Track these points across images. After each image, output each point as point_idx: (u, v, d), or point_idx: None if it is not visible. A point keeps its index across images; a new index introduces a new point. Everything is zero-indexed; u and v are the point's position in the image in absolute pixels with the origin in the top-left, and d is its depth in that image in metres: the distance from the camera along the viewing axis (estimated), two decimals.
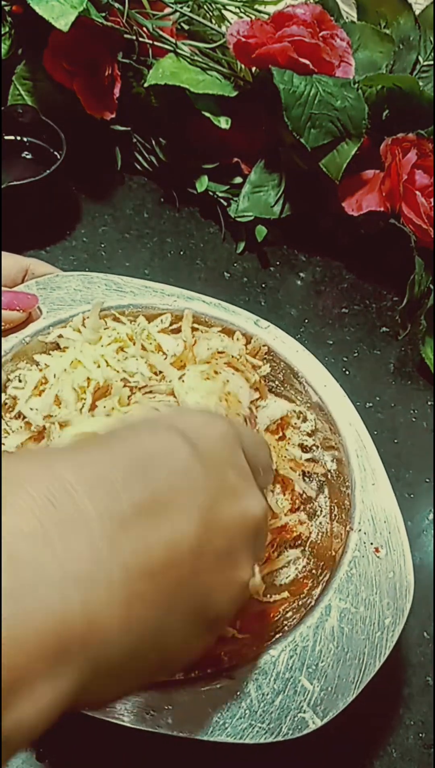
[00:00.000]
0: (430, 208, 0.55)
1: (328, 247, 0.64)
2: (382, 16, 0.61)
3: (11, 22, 0.59)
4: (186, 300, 0.45)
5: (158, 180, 0.66)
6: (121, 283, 0.45)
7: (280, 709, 0.32)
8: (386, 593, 0.36)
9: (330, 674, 0.33)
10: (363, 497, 0.39)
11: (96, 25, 0.57)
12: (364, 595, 0.35)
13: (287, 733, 0.31)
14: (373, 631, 0.34)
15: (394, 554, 0.37)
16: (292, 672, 0.33)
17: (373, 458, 0.41)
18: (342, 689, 0.33)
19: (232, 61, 0.59)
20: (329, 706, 0.32)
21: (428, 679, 0.44)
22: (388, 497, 0.39)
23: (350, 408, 0.43)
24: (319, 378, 0.44)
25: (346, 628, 0.34)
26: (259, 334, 0.45)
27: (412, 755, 0.41)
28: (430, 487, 0.52)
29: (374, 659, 0.34)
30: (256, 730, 0.31)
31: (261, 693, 0.32)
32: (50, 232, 0.60)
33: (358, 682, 0.33)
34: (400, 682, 0.43)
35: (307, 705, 0.32)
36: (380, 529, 0.38)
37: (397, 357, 0.59)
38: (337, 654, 0.33)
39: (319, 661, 0.33)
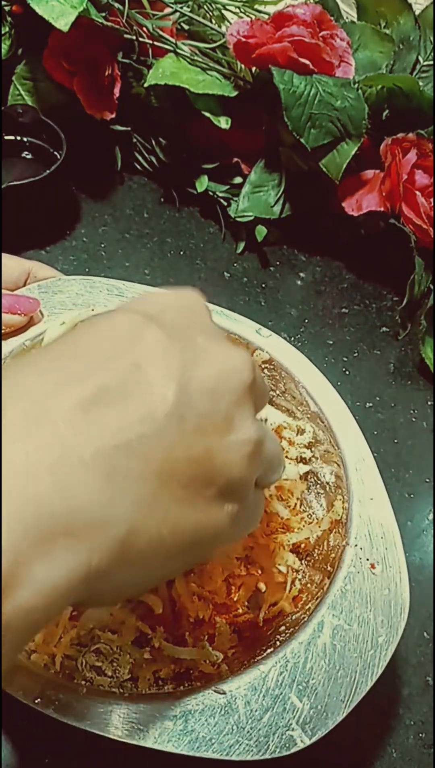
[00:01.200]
0: (430, 208, 0.55)
1: (328, 247, 0.64)
2: (382, 16, 0.61)
3: (11, 22, 0.59)
4: None
5: (158, 180, 0.66)
6: (123, 288, 0.45)
7: (268, 726, 0.31)
8: (381, 611, 0.35)
9: (320, 692, 0.32)
10: (360, 511, 0.38)
11: (96, 25, 0.57)
12: (358, 612, 0.35)
13: (275, 750, 0.31)
14: (366, 649, 0.34)
15: (390, 571, 0.36)
16: (282, 689, 0.32)
17: (372, 472, 0.40)
18: (332, 708, 0.32)
19: (232, 61, 0.59)
20: (318, 724, 0.32)
21: (428, 679, 0.44)
22: (386, 512, 0.39)
23: (351, 420, 0.42)
24: (320, 389, 0.43)
25: (338, 645, 0.34)
26: (260, 344, 0.44)
27: (412, 755, 0.41)
28: (430, 487, 0.52)
29: (366, 678, 0.33)
30: (243, 747, 0.30)
31: (250, 709, 0.31)
32: (50, 232, 0.60)
33: (348, 701, 0.32)
34: (400, 682, 0.43)
35: (296, 723, 0.31)
36: (377, 544, 0.37)
37: (397, 357, 0.59)
38: (328, 671, 0.33)
39: (309, 678, 0.33)
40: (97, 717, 0.30)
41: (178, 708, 0.31)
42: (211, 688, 0.32)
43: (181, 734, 0.30)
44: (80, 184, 0.64)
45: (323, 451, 0.43)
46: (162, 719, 0.31)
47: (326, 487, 0.42)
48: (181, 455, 0.24)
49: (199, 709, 0.31)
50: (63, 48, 0.58)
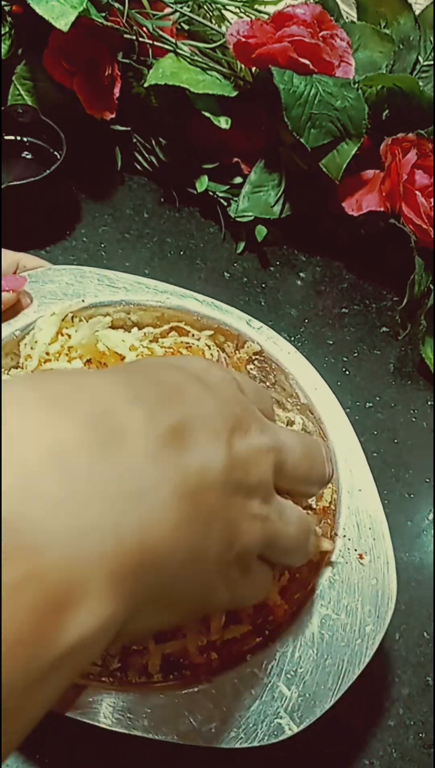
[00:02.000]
0: (430, 208, 0.55)
1: (328, 247, 0.64)
2: (382, 16, 0.61)
3: (11, 22, 0.59)
4: (179, 297, 0.44)
5: (158, 180, 0.66)
6: (113, 278, 0.44)
7: (256, 714, 0.31)
8: (368, 600, 0.35)
9: (308, 681, 0.32)
10: (349, 503, 0.38)
11: (96, 25, 0.57)
12: (346, 601, 0.35)
13: (263, 738, 0.31)
14: (354, 638, 0.34)
15: (378, 561, 0.37)
16: (270, 677, 0.32)
17: (360, 463, 0.40)
18: (320, 696, 0.32)
19: (232, 61, 0.59)
20: (306, 712, 0.32)
21: (428, 679, 0.44)
22: (374, 503, 0.39)
23: (340, 412, 0.42)
24: (310, 381, 0.43)
25: (326, 634, 0.34)
26: (250, 334, 0.44)
27: (412, 755, 0.41)
28: (430, 487, 0.52)
29: (354, 667, 0.33)
30: (231, 735, 0.31)
31: (238, 698, 0.32)
32: (50, 232, 0.60)
33: (336, 689, 0.32)
34: (400, 682, 0.43)
35: (284, 711, 0.32)
36: (365, 535, 0.37)
37: (397, 357, 0.59)
38: (316, 660, 0.33)
39: (297, 667, 0.33)
40: (86, 706, 0.30)
41: (167, 697, 0.31)
42: (201, 678, 0.32)
43: (171, 723, 0.30)
44: (80, 184, 0.64)
45: None
46: (152, 708, 0.31)
47: None
48: (220, 515, 0.24)
49: (188, 699, 0.31)
50: (63, 48, 0.58)
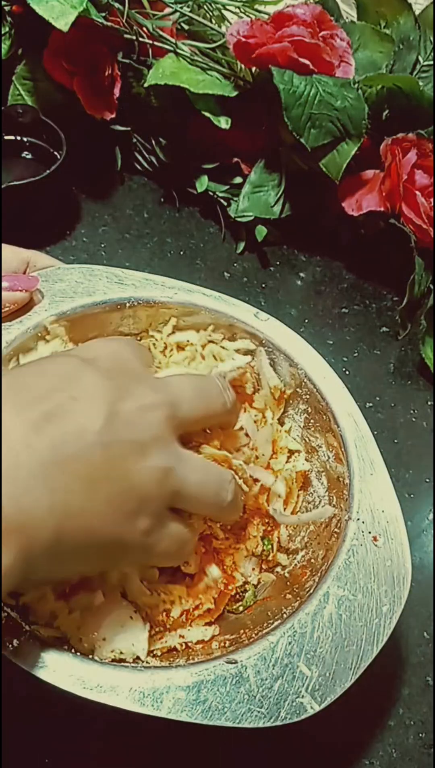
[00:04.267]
0: (430, 208, 0.55)
1: (328, 247, 0.64)
2: (382, 16, 0.61)
3: (11, 22, 0.59)
4: (186, 293, 0.45)
5: (158, 180, 0.66)
6: (122, 275, 0.45)
7: (278, 694, 0.32)
8: (384, 581, 0.36)
9: (328, 660, 0.33)
10: (361, 487, 0.39)
11: (96, 25, 0.57)
12: (362, 582, 0.36)
13: (285, 717, 0.32)
14: (371, 618, 0.35)
15: (392, 543, 0.37)
16: (291, 658, 0.33)
17: (371, 448, 0.41)
18: (340, 675, 0.33)
19: (232, 61, 0.59)
20: (327, 691, 0.32)
21: (428, 679, 0.44)
22: (386, 487, 0.40)
23: (349, 399, 0.43)
24: (319, 370, 0.44)
25: (344, 615, 0.35)
26: (259, 327, 0.45)
27: (412, 755, 0.41)
28: (430, 487, 0.52)
29: (372, 645, 0.34)
30: (254, 715, 0.31)
31: (260, 678, 0.32)
32: (50, 232, 0.60)
33: (355, 668, 0.33)
34: (400, 682, 0.43)
35: (305, 690, 0.32)
36: (378, 518, 0.38)
37: (397, 357, 0.59)
38: (335, 641, 0.34)
39: (317, 647, 0.34)
40: (109, 690, 0.31)
41: (190, 678, 0.32)
42: (223, 659, 0.33)
43: (193, 704, 0.31)
44: (80, 184, 0.64)
45: (322, 429, 0.43)
46: (175, 690, 0.31)
47: (326, 465, 0.42)
48: (105, 476, 0.29)
49: (210, 678, 0.32)
50: (63, 48, 0.58)
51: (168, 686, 0.31)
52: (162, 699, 0.31)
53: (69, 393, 0.30)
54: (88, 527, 0.29)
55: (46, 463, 0.27)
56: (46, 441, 0.28)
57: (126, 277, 0.45)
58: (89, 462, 0.29)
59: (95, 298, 0.43)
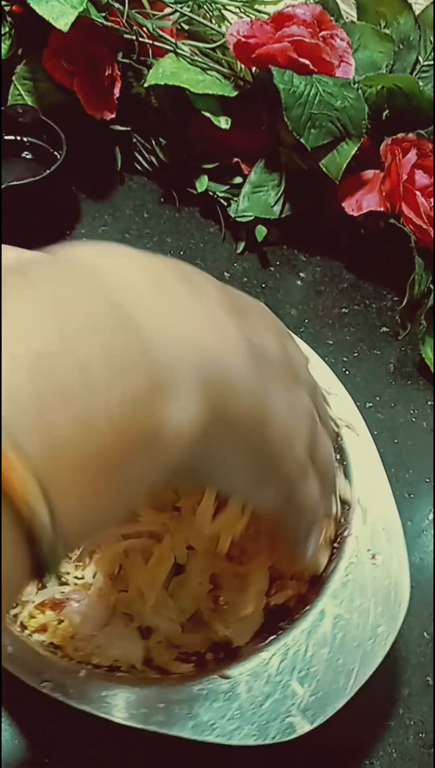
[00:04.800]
0: (430, 208, 0.55)
1: (328, 247, 0.64)
2: (382, 16, 0.61)
3: (11, 22, 0.59)
4: None
5: (158, 180, 0.66)
6: None
7: (269, 712, 0.31)
8: (381, 601, 0.35)
9: (321, 680, 0.33)
10: (362, 502, 0.39)
11: (96, 25, 0.57)
12: (359, 602, 0.35)
13: (275, 736, 0.31)
14: (366, 638, 0.34)
15: (391, 561, 0.37)
16: (283, 675, 0.32)
17: (374, 462, 0.40)
18: (332, 696, 0.32)
19: (232, 61, 0.59)
20: (318, 711, 0.32)
21: (428, 679, 0.44)
22: (387, 503, 0.39)
23: (354, 410, 0.42)
24: (324, 380, 0.43)
25: (338, 634, 0.34)
26: None
27: (412, 755, 0.41)
28: (430, 487, 0.52)
29: (365, 667, 0.33)
30: (244, 732, 0.31)
31: (252, 695, 0.32)
32: (50, 232, 0.60)
33: (348, 689, 0.33)
34: (400, 682, 0.43)
35: (297, 709, 0.32)
36: (378, 535, 0.37)
37: (397, 357, 0.59)
38: (328, 660, 0.33)
39: (310, 666, 0.33)
40: (100, 700, 0.31)
41: (183, 692, 0.31)
42: (216, 674, 0.32)
43: (185, 718, 0.31)
44: (80, 184, 0.64)
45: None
46: (167, 703, 0.31)
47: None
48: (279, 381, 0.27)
49: (203, 693, 0.32)
50: (63, 48, 0.58)
51: (159, 700, 0.31)
52: (152, 712, 0.31)
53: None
54: (270, 419, 0.25)
55: (247, 342, 0.25)
56: (244, 328, 0.26)
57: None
58: (276, 365, 0.28)
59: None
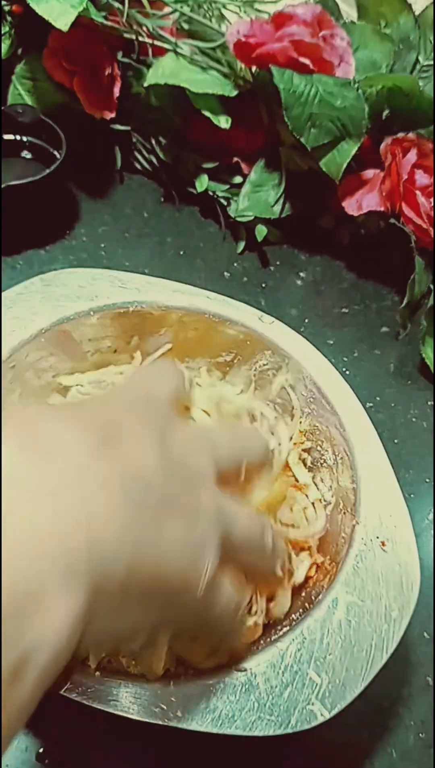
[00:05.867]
0: (430, 208, 0.55)
1: (328, 247, 0.64)
2: (382, 16, 0.61)
3: (11, 22, 0.59)
4: (190, 296, 0.45)
5: (158, 180, 0.66)
6: (124, 279, 0.45)
7: (288, 702, 0.32)
8: (392, 586, 0.36)
9: (338, 667, 0.33)
10: (368, 491, 0.39)
11: (96, 25, 0.57)
12: (371, 588, 0.36)
13: (296, 725, 0.31)
14: (380, 623, 0.35)
15: (400, 547, 0.37)
16: (300, 665, 0.33)
17: (378, 452, 0.41)
18: (349, 682, 0.33)
19: (232, 60, 0.59)
20: (337, 698, 0.32)
21: (428, 679, 0.44)
22: (393, 491, 0.39)
23: (356, 404, 0.43)
24: (325, 375, 0.44)
25: (353, 621, 0.35)
26: (262, 331, 0.45)
27: (412, 755, 0.41)
28: (430, 487, 0.52)
29: (381, 651, 0.34)
30: (265, 723, 0.31)
31: (269, 686, 0.32)
32: (50, 231, 0.60)
33: (365, 674, 0.33)
34: (400, 682, 0.43)
35: (315, 697, 0.32)
36: (386, 522, 0.38)
37: (397, 357, 0.59)
38: (344, 647, 0.34)
39: (326, 653, 0.33)
40: (116, 698, 0.31)
41: (198, 687, 0.32)
42: (232, 667, 0.33)
43: (204, 712, 0.31)
44: (80, 184, 0.64)
45: (327, 435, 0.43)
46: (184, 698, 0.31)
47: (332, 468, 0.42)
48: (166, 505, 0.26)
49: (220, 687, 0.32)
50: (63, 48, 0.58)
51: (176, 695, 0.31)
52: (170, 708, 0.31)
53: (117, 419, 0.27)
54: (157, 565, 0.25)
55: (113, 485, 0.24)
56: (110, 463, 0.25)
57: (128, 280, 0.45)
58: (154, 491, 0.26)
59: (98, 303, 0.43)
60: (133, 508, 0.24)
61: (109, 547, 0.23)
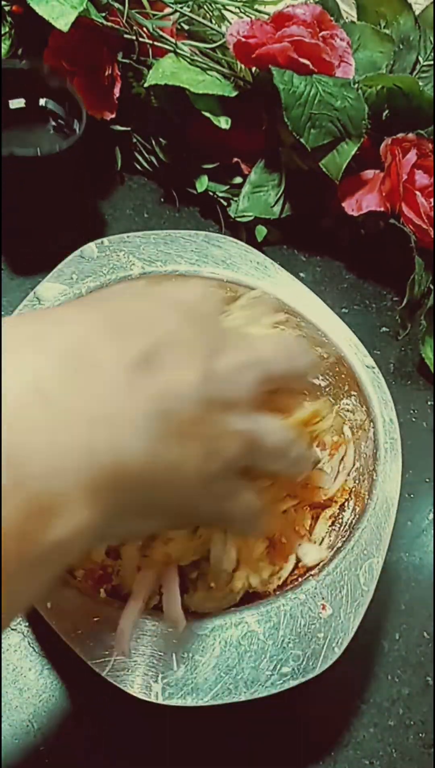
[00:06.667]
0: (430, 208, 0.55)
1: (328, 247, 0.64)
2: (382, 16, 0.61)
3: (11, 22, 0.59)
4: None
5: (158, 180, 0.66)
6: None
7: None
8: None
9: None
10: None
11: (96, 25, 0.57)
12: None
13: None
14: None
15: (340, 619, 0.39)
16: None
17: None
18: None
19: (232, 61, 0.59)
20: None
21: (428, 679, 0.44)
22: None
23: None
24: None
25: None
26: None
27: (412, 755, 0.41)
28: (430, 487, 0.52)
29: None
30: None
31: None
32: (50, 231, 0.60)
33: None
34: (400, 682, 0.43)
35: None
36: (337, 589, 0.39)
37: (397, 357, 0.59)
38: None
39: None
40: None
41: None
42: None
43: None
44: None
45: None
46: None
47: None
48: (195, 431, 0.28)
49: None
50: (63, 48, 0.58)
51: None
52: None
53: (164, 338, 0.28)
54: (173, 485, 0.28)
55: (147, 412, 0.26)
56: (148, 388, 0.26)
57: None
58: (186, 417, 0.27)
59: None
60: (158, 436, 0.26)
61: (133, 473, 0.25)
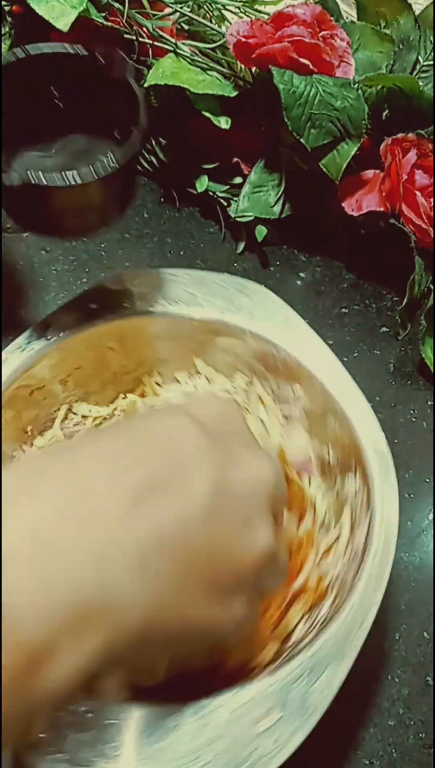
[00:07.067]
0: (430, 208, 0.55)
1: (328, 247, 0.64)
2: (382, 16, 0.61)
3: (11, 22, 0.59)
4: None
5: (158, 180, 0.66)
6: None
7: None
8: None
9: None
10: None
11: (96, 25, 0.57)
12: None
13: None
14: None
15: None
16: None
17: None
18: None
19: (232, 61, 0.59)
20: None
21: (428, 679, 0.44)
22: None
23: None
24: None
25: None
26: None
27: (412, 755, 0.41)
28: (430, 487, 0.52)
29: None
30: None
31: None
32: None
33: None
34: (400, 682, 0.43)
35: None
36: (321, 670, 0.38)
37: (397, 357, 0.59)
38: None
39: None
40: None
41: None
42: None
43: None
44: None
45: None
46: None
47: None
48: (203, 554, 0.26)
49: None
50: None
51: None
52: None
53: (175, 456, 0.27)
54: (181, 615, 0.26)
55: (143, 546, 0.24)
56: (147, 519, 0.25)
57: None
58: (191, 542, 0.26)
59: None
60: (158, 564, 0.25)
61: (122, 605, 0.24)
